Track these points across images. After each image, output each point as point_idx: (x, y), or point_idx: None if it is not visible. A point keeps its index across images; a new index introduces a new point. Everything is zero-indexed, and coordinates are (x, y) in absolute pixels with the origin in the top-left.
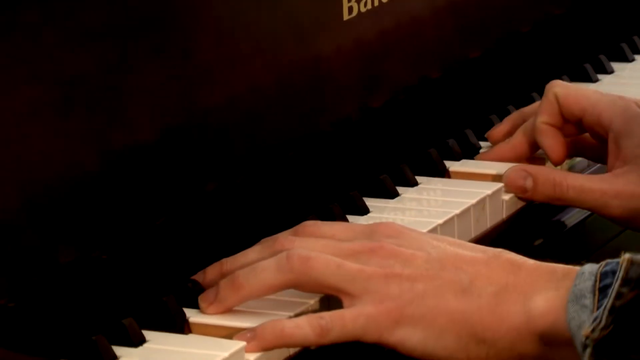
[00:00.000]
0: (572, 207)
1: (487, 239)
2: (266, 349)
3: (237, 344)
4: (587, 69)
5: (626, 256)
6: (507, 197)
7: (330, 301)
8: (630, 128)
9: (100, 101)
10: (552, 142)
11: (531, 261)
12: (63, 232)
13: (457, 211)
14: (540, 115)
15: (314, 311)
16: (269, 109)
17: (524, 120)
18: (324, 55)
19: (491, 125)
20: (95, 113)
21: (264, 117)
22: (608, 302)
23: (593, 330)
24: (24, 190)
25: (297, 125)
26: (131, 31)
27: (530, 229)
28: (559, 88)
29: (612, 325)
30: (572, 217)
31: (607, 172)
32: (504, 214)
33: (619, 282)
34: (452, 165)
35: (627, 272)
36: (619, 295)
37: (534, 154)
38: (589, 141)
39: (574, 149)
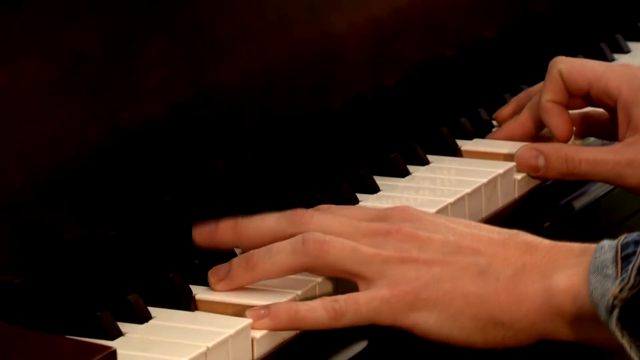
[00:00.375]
0: (581, 192)
1: (499, 218)
2: (278, 329)
3: (243, 321)
4: (602, 48)
5: None
6: (519, 176)
7: (338, 280)
8: (639, 96)
9: (108, 77)
10: (557, 120)
11: (547, 241)
12: (70, 209)
13: (468, 190)
14: (545, 93)
15: (322, 289)
16: (280, 86)
17: (530, 99)
18: (336, 32)
19: (504, 103)
20: (102, 89)
21: (275, 95)
22: (636, 261)
23: (621, 290)
24: (30, 167)
25: (308, 104)
26: (139, 5)
27: (539, 211)
28: (563, 64)
29: None
30: (580, 201)
31: (618, 142)
32: (515, 193)
33: None
34: (464, 144)
35: None
36: None
37: (541, 131)
38: (597, 117)
39: (583, 127)
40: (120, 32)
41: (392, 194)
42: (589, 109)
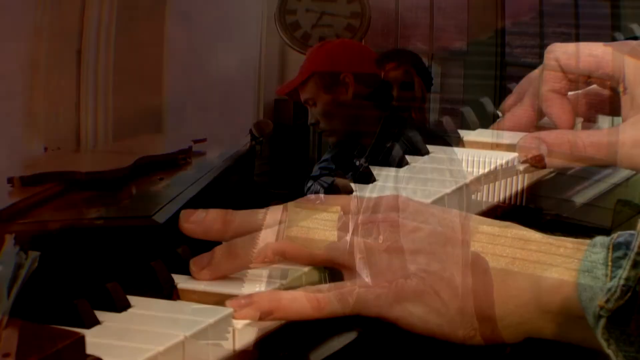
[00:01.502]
0: (585, 185)
1: (499, 210)
2: (261, 319)
3: (224, 311)
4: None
5: None
6: (521, 167)
7: (325, 269)
8: None
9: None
10: (558, 111)
11: (539, 235)
12: (52, 198)
13: (467, 181)
14: (544, 83)
15: (309, 279)
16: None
17: (531, 85)
18: None
19: (509, 93)
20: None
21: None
22: (624, 272)
23: (607, 301)
24: (10, 154)
25: None
26: None
27: (541, 203)
28: (559, 52)
29: (628, 295)
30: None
31: (622, 122)
32: (518, 185)
33: (635, 250)
34: (467, 135)
35: None
36: (635, 265)
37: (543, 120)
38: (600, 95)
39: (589, 106)
40: None
41: (386, 184)
42: (593, 86)
